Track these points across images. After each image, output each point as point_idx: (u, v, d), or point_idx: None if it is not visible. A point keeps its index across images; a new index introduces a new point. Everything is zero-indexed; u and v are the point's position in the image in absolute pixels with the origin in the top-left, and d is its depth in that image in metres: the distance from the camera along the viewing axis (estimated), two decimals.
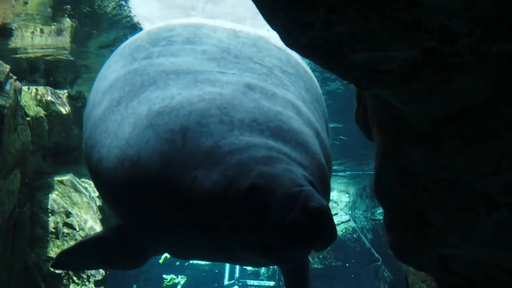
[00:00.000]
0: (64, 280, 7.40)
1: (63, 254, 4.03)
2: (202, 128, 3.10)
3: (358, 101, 3.39)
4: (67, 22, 7.85)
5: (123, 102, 3.47)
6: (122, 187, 3.31)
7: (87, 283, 7.49)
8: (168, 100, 3.25)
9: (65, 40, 8.54)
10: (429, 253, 3.09)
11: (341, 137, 14.42)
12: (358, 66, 2.48)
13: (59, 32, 8.24)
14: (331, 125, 13.34)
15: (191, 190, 3.04)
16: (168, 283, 17.36)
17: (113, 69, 3.85)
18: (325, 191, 3.49)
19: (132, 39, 4.11)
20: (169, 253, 3.74)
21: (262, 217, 2.88)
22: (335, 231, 2.92)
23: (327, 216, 2.86)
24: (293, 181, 2.90)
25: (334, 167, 17.19)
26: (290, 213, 2.79)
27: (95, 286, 7.40)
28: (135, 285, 14.87)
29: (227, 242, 3.11)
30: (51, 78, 9.56)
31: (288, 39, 2.52)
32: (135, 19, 7.88)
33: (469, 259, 3.14)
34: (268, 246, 2.91)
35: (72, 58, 9.20)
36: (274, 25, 2.49)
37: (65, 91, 9.02)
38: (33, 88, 8.50)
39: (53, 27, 8.00)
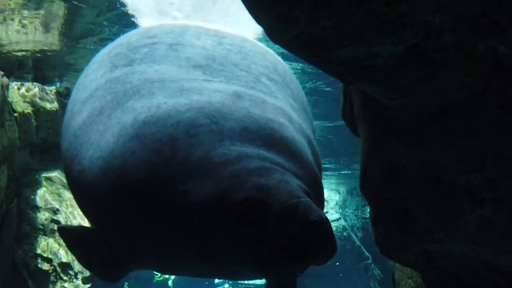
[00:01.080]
0: (52, 277, 7.38)
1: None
2: (192, 139, 3.01)
3: (344, 97, 3.40)
4: (54, 7, 7.74)
5: (105, 111, 3.36)
6: (105, 199, 3.20)
7: (74, 280, 7.47)
8: (155, 110, 3.16)
9: (53, 35, 8.50)
10: (414, 249, 3.10)
11: (329, 136, 14.46)
12: (343, 61, 2.49)
13: (46, 27, 8.20)
14: (324, 123, 13.40)
15: (182, 204, 2.94)
16: (158, 279, 17.34)
17: (93, 78, 3.72)
18: (320, 202, 3.39)
19: (110, 47, 3.96)
20: (153, 268, 3.60)
21: (258, 232, 2.78)
22: (336, 244, 2.81)
23: (327, 229, 2.75)
24: (289, 193, 2.80)
25: (325, 166, 17.23)
26: (288, 227, 2.70)
27: (82, 283, 7.37)
28: (126, 283, 14.83)
29: (220, 257, 3.01)
30: (39, 74, 9.51)
31: (274, 34, 2.52)
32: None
33: (454, 255, 3.16)
34: (264, 262, 2.82)
35: (60, 54, 9.16)
36: (259, 20, 2.48)
37: (53, 87, 8.99)
38: (20, 84, 8.46)
39: (40, 18, 7.94)
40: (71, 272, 7.54)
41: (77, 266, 7.64)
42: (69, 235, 3.78)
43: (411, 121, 2.75)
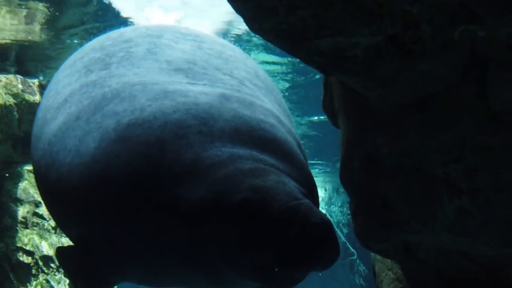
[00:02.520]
0: (33, 270, 7.35)
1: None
2: (181, 140, 2.86)
3: (325, 88, 3.41)
4: (37, 5, 7.70)
5: (83, 116, 3.18)
6: (88, 206, 3.04)
7: (56, 273, 7.44)
8: (139, 112, 2.99)
9: (36, 27, 8.45)
10: (393, 240, 3.12)
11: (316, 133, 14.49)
12: (322, 52, 2.49)
13: (29, 18, 8.14)
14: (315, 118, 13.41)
15: (173, 208, 2.79)
16: None
17: (66, 83, 3.52)
18: (316, 204, 3.25)
19: (82, 52, 3.76)
20: (139, 280, 3.35)
21: (256, 236, 2.64)
22: (339, 248, 2.68)
23: (331, 231, 2.62)
24: (288, 194, 2.67)
25: (311, 162, 17.24)
26: (289, 230, 2.55)
27: (64, 276, 7.35)
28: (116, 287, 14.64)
29: (215, 265, 2.85)
30: (22, 67, 9.44)
31: (253, 24, 2.52)
32: None
33: (432, 246, 3.18)
34: (263, 268, 2.67)
35: (43, 46, 9.10)
36: (239, 10, 2.48)
37: (36, 80, 8.93)
38: (2, 77, 8.40)
39: (23, 12, 7.88)
40: (53, 265, 7.51)
41: None
42: (62, 254, 3.55)
43: (390, 112, 2.76)
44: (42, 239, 7.64)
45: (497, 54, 2.35)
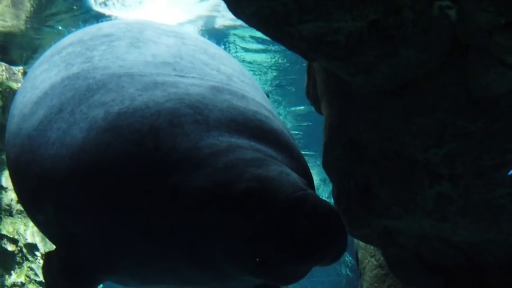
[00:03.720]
0: (18, 258, 7.33)
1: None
2: (176, 129, 2.75)
3: (308, 75, 3.42)
4: None
5: (66, 108, 3.06)
6: (77, 199, 2.91)
7: (40, 260, 7.42)
8: (129, 102, 2.88)
9: (21, 14, 8.37)
10: (374, 225, 3.14)
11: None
12: (304, 37, 2.50)
13: (15, 7, 8.07)
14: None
15: (171, 197, 2.68)
16: None
17: (44, 78, 3.38)
18: None
19: (58, 47, 3.60)
20: (129, 278, 3.19)
21: (260, 227, 2.50)
22: (347, 240, 2.54)
23: (341, 222, 2.50)
24: (293, 184, 2.54)
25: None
26: (296, 221, 2.42)
27: None
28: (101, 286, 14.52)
29: (214, 258, 2.72)
30: (7, 55, 9.36)
31: (236, 9, 2.52)
32: None
33: (413, 232, 3.21)
34: (265, 262, 2.53)
35: (28, 34, 9.04)
36: None
37: (21, 67, 8.86)
38: None
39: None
40: (37, 253, 7.49)
41: (43, 247, 7.60)
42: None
43: (372, 98, 2.78)
44: (27, 227, 7.61)
45: (477, 40, 2.37)
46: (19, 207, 7.58)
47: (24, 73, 8.78)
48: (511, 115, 2.48)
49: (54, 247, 3.36)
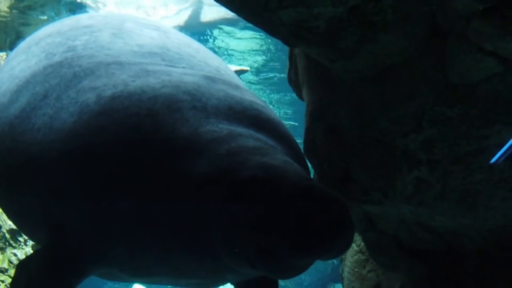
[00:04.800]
0: (1, 244, 7.30)
1: None
2: (175, 114, 2.65)
3: (290, 61, 3.43)
4: None
5: (51, 95, 2.96)
6: (68, 186, 2.79)
7: (24, 246, 7.40)
8: (122, 87, 2.77)
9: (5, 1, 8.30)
10: (354, 211, 3.17)
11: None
12: (285, 22, 2.50)
13: None
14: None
15: (171, 185, 2.59)
16: None
17: (23, 67, 3.26)
18: None
19: (35, 39, 3.48)
20: (120, 269, 3.03)
21: (265, 217, 2.40)
22: (354, 232, 2.49)
23: (348, 214, 2.41)
24: (298, 174, 2.47)
25: None
26: (302, 211, 2.33)
27: (32, 249, 7.32)
28: None
29: (214, 248, 2.62)
30: None
31: None
32: None
33: (393, 217, 3.25)
34: (268, 253, 2.43)
35: (12, 20, 8.95)
36: None
37: (4, 53, 8.78)
38: None
39: None
40: (20, 239, 7.46)
41: None
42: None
43: (352, 83, 2.80)
44: None
45: (455, 27, 2.39)
46: None
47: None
48: (488, 101, 2.50)
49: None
